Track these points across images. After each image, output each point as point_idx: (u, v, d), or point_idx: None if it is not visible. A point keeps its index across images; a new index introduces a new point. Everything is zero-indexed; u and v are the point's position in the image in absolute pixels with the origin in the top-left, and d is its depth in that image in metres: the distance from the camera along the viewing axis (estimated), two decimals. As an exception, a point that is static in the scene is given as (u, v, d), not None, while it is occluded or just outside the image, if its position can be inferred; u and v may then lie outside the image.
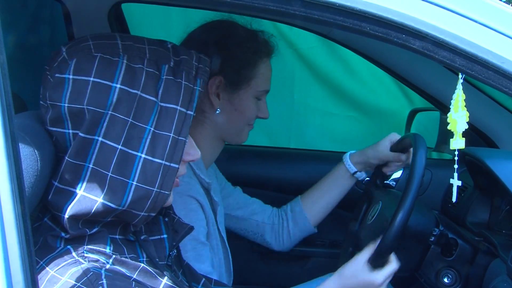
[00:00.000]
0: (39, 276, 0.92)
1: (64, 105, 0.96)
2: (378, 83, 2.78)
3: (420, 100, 2.46)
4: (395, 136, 1.83)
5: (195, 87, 1.02)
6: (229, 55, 1.59)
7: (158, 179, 0.98)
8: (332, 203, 1.92)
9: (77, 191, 0.96)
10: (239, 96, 1.63)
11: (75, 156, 0.96)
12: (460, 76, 1.08)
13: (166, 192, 1.00)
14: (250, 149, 2.44)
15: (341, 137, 2.82)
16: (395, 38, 1.01)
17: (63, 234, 0.97)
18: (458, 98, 1.10)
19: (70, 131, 0.97)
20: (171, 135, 0.98)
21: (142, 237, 1.08)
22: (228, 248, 1.73)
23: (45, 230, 0.99)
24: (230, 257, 1.74)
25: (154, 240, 1.10)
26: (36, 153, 0.92)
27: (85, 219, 0.98)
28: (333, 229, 1.97)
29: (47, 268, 0.93)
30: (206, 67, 1.06)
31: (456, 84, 1.10)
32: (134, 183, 0.96)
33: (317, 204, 1.92)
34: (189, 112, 1.01)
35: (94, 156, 0.96)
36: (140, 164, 0.97)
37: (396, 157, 1.79)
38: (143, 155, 0.97)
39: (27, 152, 0.91)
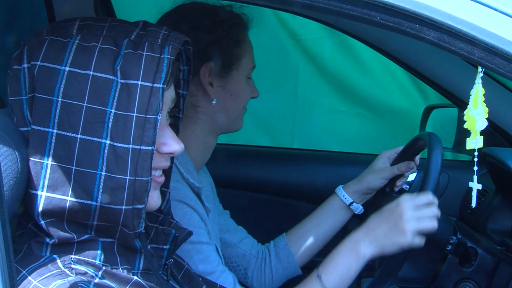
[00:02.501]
0: (20, 287, 0.92)
1: (25, 98, 0.97)
2: (390, 78, 2.79)
3: (436, 95, 2.46)
4: (389, 152, 1.82)
5: (162, 56, 0.99)
6: (213, 38, 1.59)
7: (129, 166, 0.96)
8: (321, 239, 1.85)
9: (39, 192, 0.96)
10: (233, 79, 1.63)
11: (33, 153, 0.96)
12: (479, 69, 1.08)
13: (143, 179, 0.97)
14: (250, 150, 2.44)
15: (349, 136, 2.83)
16: (408, 28, 1.01)
17: (47, 240, 0.97)
18: (477, 94, 1.10)
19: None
20: (134, 114, 0.96)
21: (149, 247, 1.08)
22: (222, 257, 1.73)
23: (29, 237, 1.00)
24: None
25: (154, 248, 1.11)
26: (16, 153, 0.92)
27: (72, 221, 0.98)
28: (340, 237, 1.96)
29: (29, 277, 0.93)
30: (177, 35, 1.03)
31: (475, 78, 1.10)
32: (103, 173, 0.96)
33: (303, 239, 1.85)
34: (155, 85, 0.97)
35: (51, 151, 0.95)
36: (106, 151, 0.95)
37: (403, 168, 1.77)
38: (107, 141, 0.95)
39: (6, 152, 0.91)
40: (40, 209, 0.95)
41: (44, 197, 0.95)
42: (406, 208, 1.41)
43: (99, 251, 1.00)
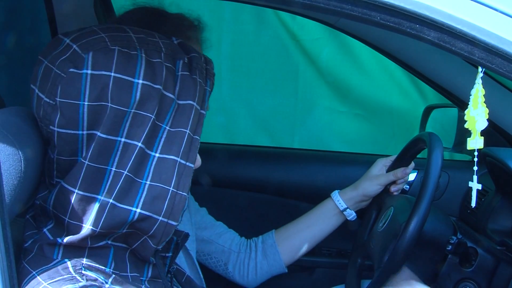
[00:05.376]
0: (28, 286, 0.93)
1: (84, 104, 0.95)
2: (389, 78, 2.79)
3: (435, 95, 2.47)
4: (385, 160, 1.85)
5: (206, 88, 1.05)
6: None
7: (174, 178, 0.99)
8: (311, 240, 1.87)
9: (100, 196, 0.96)
10: None
11: (97, 159, 0.96)
12: (479, 69, 1.08)
13: (184, 194, 1.00)
14: (250, 149, 2.44)
15: (348, 136, 2.83)
16: (408, 28, 1.01)
17: (59, 240, 0.97)
18: (477, 94, 1.10)
19: (85, 132, 0.96)
20: (187, 131, 1.00)
21: (161, 254, 1.10)
22: (198, 267, 1.73)
23: (42, 240, 1.00)
24: (201, 276, 1.73)
25: (159, 256, 1.12)
26: (20, 152, 0.92)
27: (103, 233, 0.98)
28: (340, 237, 1.97)
29: (38, 277, 0.94)
30: (213, 69, 1.08)
31: (475, 78, 1.10)
32: (148, 182, 0.97)
33: (292, 239, 1.86)
34: (202, 111, 1.03)
35: (117, 158, 0.96)
36: (154, 163, 0.98)
37: (399, 174, 1.79)
38: (157, 154, 0.98)
39: (9, 152, 0.91)
40: (94, 212, 0.95)
41: (101, 201, 0.96)
42: None
43: (110, 258, 1.01)
